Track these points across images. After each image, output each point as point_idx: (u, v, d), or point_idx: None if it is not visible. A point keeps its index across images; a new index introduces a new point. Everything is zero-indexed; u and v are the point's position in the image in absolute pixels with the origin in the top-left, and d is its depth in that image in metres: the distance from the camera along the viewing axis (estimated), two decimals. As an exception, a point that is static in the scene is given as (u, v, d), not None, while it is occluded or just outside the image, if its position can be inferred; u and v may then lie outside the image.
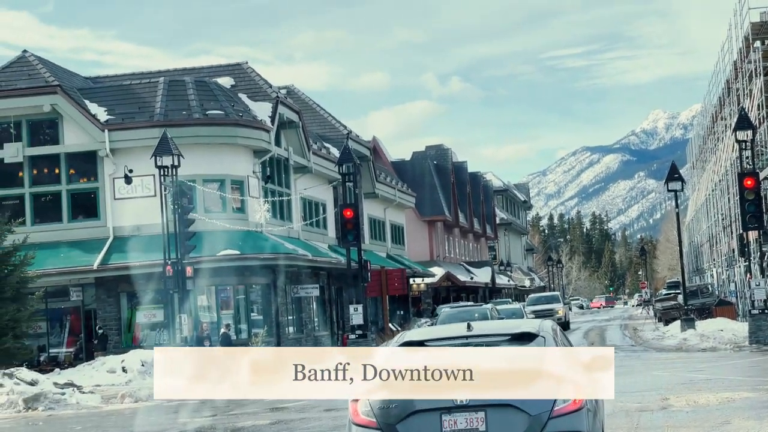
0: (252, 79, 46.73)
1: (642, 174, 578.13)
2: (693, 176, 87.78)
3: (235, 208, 41.30)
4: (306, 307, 46.27)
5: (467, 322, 11.17)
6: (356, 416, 9.89)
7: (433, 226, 78.73)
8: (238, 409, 23.58)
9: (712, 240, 67.94)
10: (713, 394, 19.39)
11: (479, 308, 37.81)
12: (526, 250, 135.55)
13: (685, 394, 19.51)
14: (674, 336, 42.33)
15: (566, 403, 9.52)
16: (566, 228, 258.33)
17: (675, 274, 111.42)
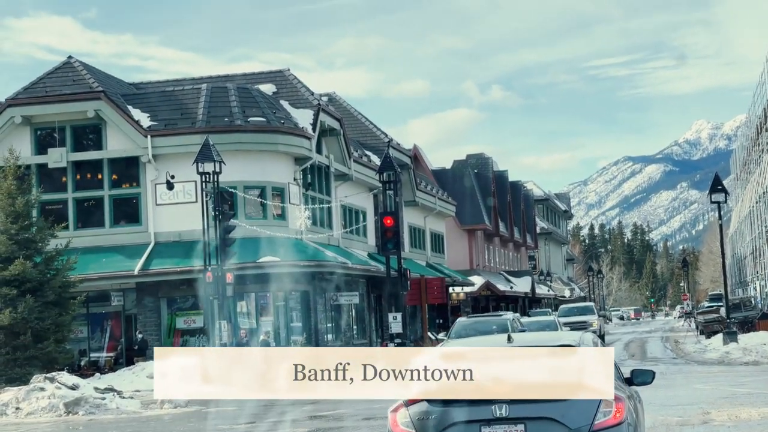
0: (293, 86, 46.90)
1: (684, 185, 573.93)
2: (736, 188, 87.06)
3: (276, 215, 41.43)
4: (345, 314, 46.30)
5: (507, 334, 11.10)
6: (395, 427, 9.87)
7: (473, 235, 78.57)
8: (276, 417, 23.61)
9: (756, 252, 67.29)
10: (755, 409, 19.17)
11: (498, 319, 34.59)
12: (566, 260, 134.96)
13: (727, 409, 19.29)
14: (716, 349, 41.91)
15: (606, 417, 9.46)
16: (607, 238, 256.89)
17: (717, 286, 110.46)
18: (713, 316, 56.50)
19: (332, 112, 46.49)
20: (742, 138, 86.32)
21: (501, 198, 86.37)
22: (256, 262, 38.28)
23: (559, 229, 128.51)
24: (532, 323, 39.96)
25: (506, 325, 32.03)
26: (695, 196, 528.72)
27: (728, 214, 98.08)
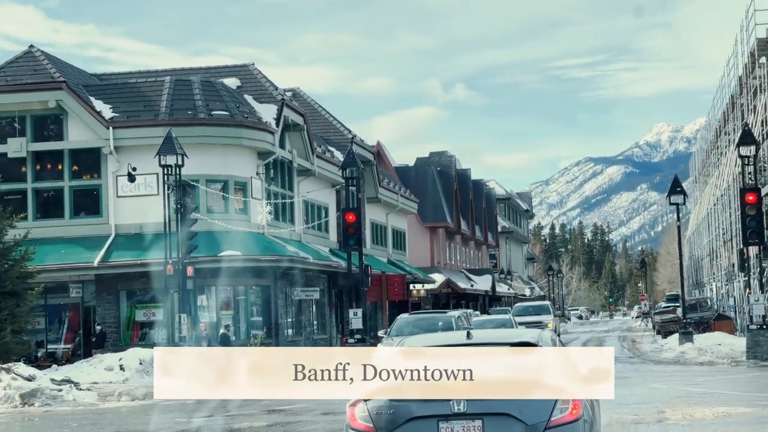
0: (258, 80, 46.82)
1: (644, 186, 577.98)
2: (695, 190, 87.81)
3: (238, 209, 41.35)
4: (306, 310, 46.31)
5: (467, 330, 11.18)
6: (353, 421, 9.92)
7: (435, 233, 78.77)
8: (235, 411, 23.61)
9: (713, 254, 67.95)
10: (709, 409, 19.41)
11: (443, 316, 32.76)
12: (527, 259, 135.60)
13: (682, 408, 19.53)
14: (672, 349, 42.35)
15: (563, 413, 9.56)
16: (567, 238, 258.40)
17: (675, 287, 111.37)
18: (670, 316, 57.05)
19: (296, 108, 46.46)
20: (701, 141, 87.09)
21: (463, 196, 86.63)
22: (217, 256, 38.19)
23: (521, 228, 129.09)
24: (487, 321, 39.35)
25: (451, 323, 30.47)
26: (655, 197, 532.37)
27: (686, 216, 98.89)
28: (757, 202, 34.41)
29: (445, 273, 74.98)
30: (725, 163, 57.39)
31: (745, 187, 35.30)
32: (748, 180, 35.59)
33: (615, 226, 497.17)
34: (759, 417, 18.18)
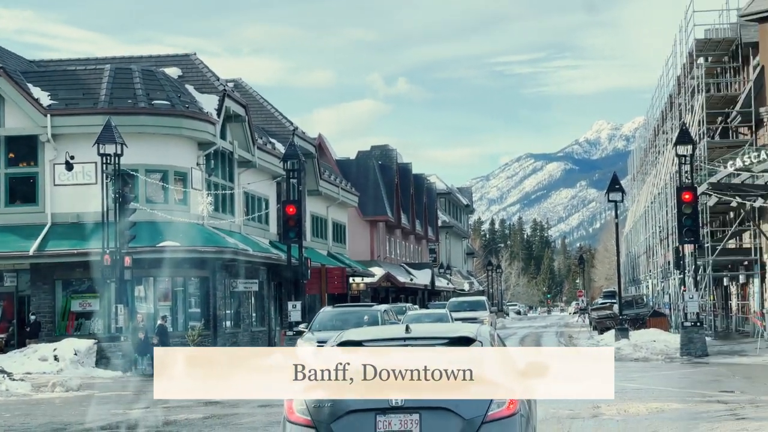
0: (200, 70, 46.48)
1: (584, 183, 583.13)
2: (633, 188, 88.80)
3: (178, 199, 41.05)
4: (244, 301, 46.12)
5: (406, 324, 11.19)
6: (291, 414, 9.90)
7: (375, 226, 78.83)
8: (172, 402, 23.45)
9: (649, 252, 68.76)
10: (643, 404, 19.64)
11: (369, 310, 31.01)
12: (466, 254, 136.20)
13: (616, 403, 19.73)
14: (608, 345, 42.77)
15: (500, 408, 9.61)
16: (507, 234, 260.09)
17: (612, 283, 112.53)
18: (606, 312, 57.60)
19: (238, 99, 46.21)
20: (640, 139, 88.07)
21: (404, 190, 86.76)
22: (155, 247, 37.90)
23: (461, 223, 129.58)
24: (423, 315, 39.20)
25: (376, 317, 28.97)
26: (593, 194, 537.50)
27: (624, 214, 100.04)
28: (693, 201, 34.86)
29: (384, 267, 75.06)
30: (663, 162, 58.09)
31: (681, 185, 35.74)
32: (685, 179, 36.03)
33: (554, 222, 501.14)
34: (691, 413, 18.43)
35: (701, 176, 42.89)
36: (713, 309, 51.13)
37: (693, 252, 38.53)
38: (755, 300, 46.75)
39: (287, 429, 9.92)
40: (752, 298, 47.85)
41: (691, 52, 50.43)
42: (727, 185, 42.57)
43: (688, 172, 36.17)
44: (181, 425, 18.96)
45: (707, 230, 46.50)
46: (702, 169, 43.66)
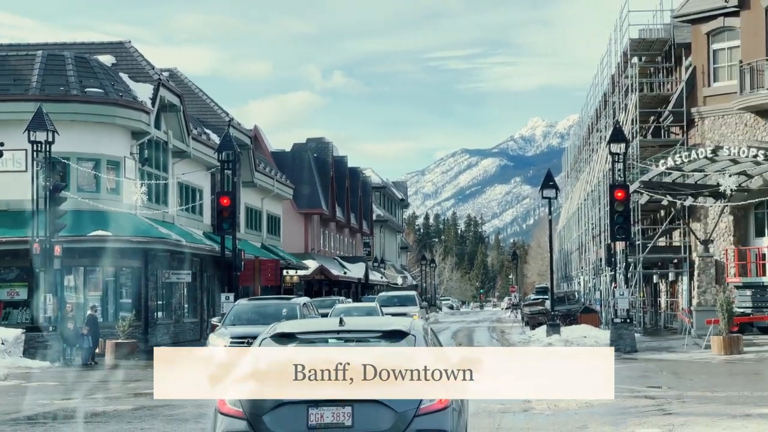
0: (134, 58, 45.98)
1: (518, 179, 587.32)
2: (567, 185, 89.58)
3: (110, 189, 40.62)
4: (176, 292, 45.80)
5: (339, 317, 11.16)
6: (223, 405, 9.84)
7: (310, 219, 78.70)
8: (101, 393, 23.22)
9: (582, 248, 69.43)
10: (573, 399, 19.83)
11: (288, 303, 28.44)
12: (400, 248, 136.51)
13: (547, 398, 19.89)
14: (540, 340, 43.15)
15: (432, 401, 9.64)
16: (441, 228, 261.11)
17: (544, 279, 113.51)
18: (538, 308, 58.04)
19: (173, 88, 45.82)
20: (574, 137, 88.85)
21: (339, 183, 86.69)
22: (86, 236, 37.47)
23: (395, 217, 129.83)
24: (352, 308, 38.74)
25: (295, 311, 26.87)
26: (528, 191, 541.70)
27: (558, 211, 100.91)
28: (625, 199, 35.25)
29: (318, 260, 74.97)
30: (596, 160, 58.68)
31: (614, 183, 36.12)
32: (618, 177, 36.42)
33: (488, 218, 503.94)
34: (619, 408, 18.65)
35: (633, 174, 43.38)
36: (643, 306, 51.76)
37: (624, 249, 38.98)
38: (684, 297, 47.43)
39: (218, 421, 9.85)
40: (681, 295, 48.54)
41: (625, 51, 50.98)
42: (659, 184, 43.12)
43: (620, 170, 36.57)
44: (110, 416, 18.77)
45: (638, 228, 47.06)
46: (634, 168, 44.17)
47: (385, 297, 55.09)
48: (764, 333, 41.68)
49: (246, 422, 9.65)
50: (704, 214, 45.49)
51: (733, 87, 44.16)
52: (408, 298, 54.20)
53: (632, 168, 43.90)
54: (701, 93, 46.19)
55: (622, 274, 39.05)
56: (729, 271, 44.05)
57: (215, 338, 25.52)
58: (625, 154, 37.02)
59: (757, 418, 16.70)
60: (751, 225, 45.28)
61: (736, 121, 44.95)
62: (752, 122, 44.34)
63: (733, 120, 45.10)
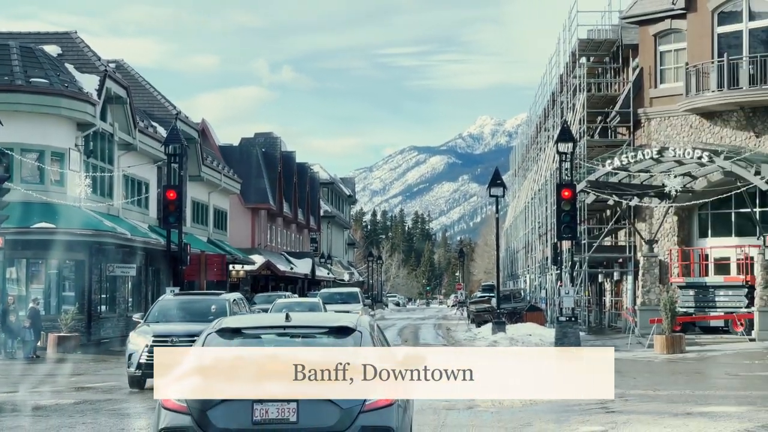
0: (80, 49, 45.47)
1: (466, 177, 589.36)
2: (514, 183, 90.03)
3: (54, 180, 40.16)
4: (121, 286, 45.40)
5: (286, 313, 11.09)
6: (167, 400, 9.76)
7: (257, 214, 78.39)
8: (43, 387, 22.97)
9: (528, 247, 69.83)
10: (517, 397, 19.92)
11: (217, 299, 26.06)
12: (347, 244, 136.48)
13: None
14: (485, 338, 43.32)
15: (378, 398, 9.63)
16: (389, 225, 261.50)
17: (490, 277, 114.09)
18: (484, 306, 58.27)
19: (119, 80, 45.38)
20: (522, 136, 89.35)
21: (287, 179, 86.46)
22: (29, 228, 37.01)
23: (343, 213, 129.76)
24: (294, 304, 38.01)
25: (225, 308, 24.80)
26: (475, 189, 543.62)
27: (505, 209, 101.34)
28: (571, 198, 35.47)
29: (265, 255, 74.70)
30: (544, 159, 59.04)
31: (561, 182, 36.33)
32: (565, 176, 36.64)
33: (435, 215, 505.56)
34: (563, 406, 18.77)
35: (580, 174, 43.69)
36: (588, 305, 52.18)
37: (570, 248, 39.22)
38: (628, 297, 47.87)
39: (162, 416, 9.77)
40: (625, 294, 48.98)
41: (574, 51, 51.34)
42: (605, 184, 43.47)
43: (568, 170, 36.79)
44: (50, 410, 18.56)
45: (585, 227, 47.40)
46: (581, 167, 44.48)
47: (327, 294, 53.51)
48: (706, 333, 42.24)
49: (190, 417, 9.58)
50: (649, 214, 45.93)
51: (680, 89, 44.62)
52: (351, 295, 52.87)
53: (579, 167, 44.20)
54: (648, 94, 46.63)
55: (567, 273, 39.30)
56: (672, 271, 44.53)
57: (136, 337, 22.93)
58: (572, 154, 37.24)
59: (698, 417, 16.89)
60: (695, 226, 45.82)
61: (682, 123, 45.44)
62: (697, 124, 44.84)
63: (678, 121, 45.58)
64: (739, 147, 42.25)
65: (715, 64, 42.94)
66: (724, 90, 42.49)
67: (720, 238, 44.53)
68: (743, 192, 40.31)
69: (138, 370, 22.15)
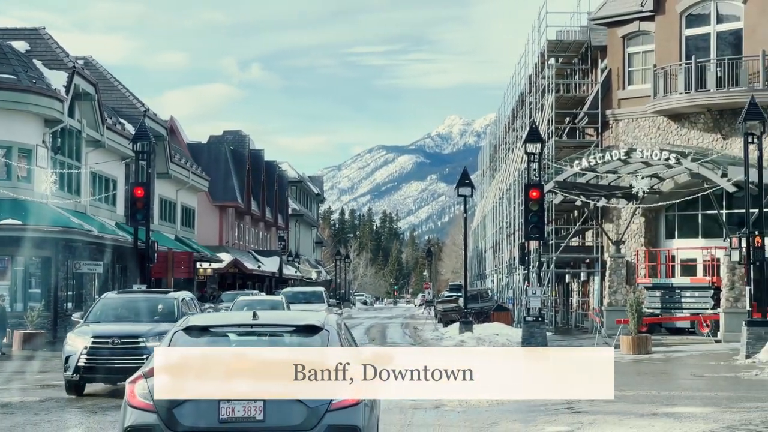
0: (48, 46, 45.19)
1: (434, 177, 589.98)
2: (483, 183, 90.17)
3: (21, 176, 39.89)
4: (87, 283, 45.15)
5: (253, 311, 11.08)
6: (133, 398, 9.74)
7: (225, 212, 78.19)
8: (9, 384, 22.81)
9: (496, 247, 69.97)
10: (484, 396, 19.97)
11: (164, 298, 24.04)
12: (315, 243, 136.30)
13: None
14: (452, 337, 43.41)
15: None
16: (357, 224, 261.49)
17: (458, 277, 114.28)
18: (451, 305, 58.39)
19: (87, 77, 45.13)
20: (490, 136, 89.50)
21: (255, 177, 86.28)
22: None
23: (311, 211, 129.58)
24: (255, 302, 36.97)
25: (172, 307, 22.99)
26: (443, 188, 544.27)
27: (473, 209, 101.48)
28: (539, 199, 35.61)
29: (233, 253, 74.53)
30: (512, 159, 59.20)
31: (529, 183, 36.45)
32: (533, 176, 36.77)
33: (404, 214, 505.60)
34: (529, 405, 18.85)
35: (548, 174, 43.86)
36: (555, 305, 52.38)
37: (538, 248, 39.38)
38: (595, 297, 48.12)
39: (128, 414, 9.75)
40: (592, 295, 49.23)
41: (542, 52, 51.52)
42: (573, 184, 43.67)
43: (536, 170, 36.92)
44: (16, 407, 18.46)
45: (552, 228, 47.59)
46: (549, 168, 44.66)
47: (290, 293, 50.04)
48: (672, 334, 42.51)
49: (156, 415, 9.57)
50: (617, 215, 46.18)
51: (647, 90, 44.90)
52: (315, 294, 50.38)
53: (547, 168, 44.38)
54: (616, 95, 46.89)
55: (535, 273, 39.45)
56: (639, 272, 44.78)
57: (74, 338, 21.07)
58: (540, 154, 37.38)
59: (663, 418, 17.01)
60: (661, 227, 46.12)
61: (650, 124, 45.72)
62: (665, 125, 45.13)
63: (646, 123, 45.86)
64: (706, 149, 42.56)
65: (683, 66, 43.23)
66: (691, 92, 42.79)
67: (687, 239, 44.84)
68: (710, 194, 40.60)
69: (75, 375, 20.35)
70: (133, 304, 23.36)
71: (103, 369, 20.40)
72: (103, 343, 20.59)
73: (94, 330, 21.17)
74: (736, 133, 39.83)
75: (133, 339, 20.55)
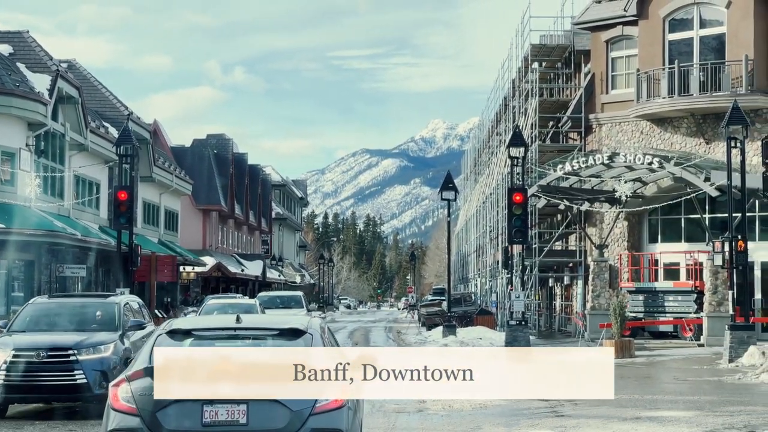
0: (32, 49, 45.04)
1: (418, 180, 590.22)
2: (466, 187, 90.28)
3: (4, 180, 39.75)
4: (71, 287, 44.98)
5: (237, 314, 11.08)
6: (116, 401, 9.73)
7: (208, 216, 78.06)
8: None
9: (479, 250, 70.06)
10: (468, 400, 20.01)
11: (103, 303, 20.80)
12: (299, 247, 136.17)
13: (442, 398, 20.04)
14: (436, 341, 43.44)
15: (328, 400, 9.66)
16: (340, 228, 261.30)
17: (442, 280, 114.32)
18: (435, 309, 58.44)
19: (71, 80, 45.01)
20: (474, 140, 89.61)
21: (239, 180, 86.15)
22: (-22, 228, 36.56)
23: (295, 215, 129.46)
24: (227, 306, 36.29)
25: (112, 314, 19.97)
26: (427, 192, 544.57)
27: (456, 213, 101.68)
28: (523, 202, 35.67)
29: (216, 256, 74.40)
30: (495, 163, 59.29)
31: (512, 187, 36.51)
32: (516, 180, 36.83)
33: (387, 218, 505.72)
34: (512, 409, 18.89)
35: (532, 178, 43.93)
36: (538, 309, 52.49)
37: (521, 252, 39.41)
38: (578, 301, 48.21)
39: (111, 417, 9.73)
40: (575, 299, 49.33)
41: (526, 56, 51.64)
42: (556, 188, 43.77)
43: (519, 174, 36.99)
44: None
45: (536, 231, 47.66)
46: (533, 172, 44.73)
47: (266, 297, 47.17)
48: (655, 337, 42.65)
49: (139, 419, 9.56)
50: (600, 219, 46.30)
51: (631, 95, 45.03)
52: (293, 299, 47.49)
53: (531, 172, 44.45)
54: (599, 100, 47.02)
55: (518, 277, 39.48)
56: (622, 275, 44.91)
57: None
58: (524, 158, 37.44)
59: (646, 421, 17.06)
60: (644, 231, 46.25)
61: (633, 129, 45.86)
62: (648, 130, 45.28)
63: (629, 127, 45.99)
64: (689, 153, 42.72)
65: (666, 70, 43.38)
66: (674, 96, 42.93)
67: (670, 243, 44.97)
68: (693, 198, 40.75)
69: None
70: (67, 310, 20.34)
71: (26, 387, 17.56)
72: (26, 356, 17.64)
73: (15, 341, 18.19)
74: (719, 137, 39.96)
75: (62, 351, 17.65)
